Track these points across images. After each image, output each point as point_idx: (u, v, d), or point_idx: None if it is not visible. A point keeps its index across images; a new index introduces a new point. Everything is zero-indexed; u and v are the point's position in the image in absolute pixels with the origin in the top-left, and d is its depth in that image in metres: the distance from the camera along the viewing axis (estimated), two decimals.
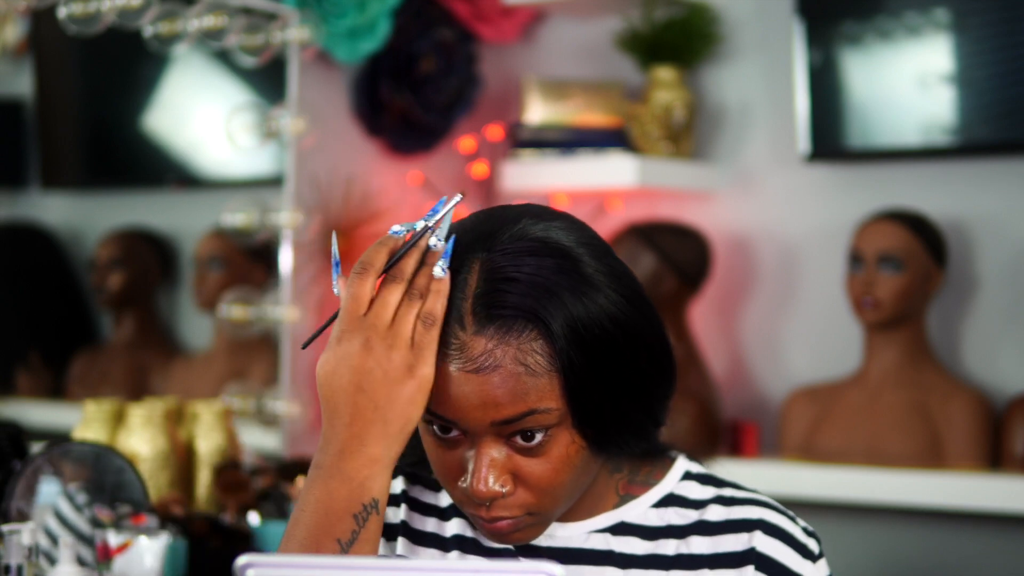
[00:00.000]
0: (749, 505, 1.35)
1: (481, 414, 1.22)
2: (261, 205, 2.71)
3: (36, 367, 2.96)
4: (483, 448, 1.24)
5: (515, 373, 1.21)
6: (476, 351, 1.21)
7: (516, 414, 1.22)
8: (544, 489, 1.25)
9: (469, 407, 1.22)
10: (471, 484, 1.24)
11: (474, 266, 1.25)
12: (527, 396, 1.21)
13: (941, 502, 2.64)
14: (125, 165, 3.12)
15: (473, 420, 1.23)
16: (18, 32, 2.92)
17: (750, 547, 1.33)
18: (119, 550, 1.94)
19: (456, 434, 1.25)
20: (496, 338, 1.21)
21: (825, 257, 2.97)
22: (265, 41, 2.61)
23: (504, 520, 1.26)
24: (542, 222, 1.28)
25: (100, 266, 2.97)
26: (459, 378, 1.22)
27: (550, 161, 3.04)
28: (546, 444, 1.24)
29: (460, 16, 3.09)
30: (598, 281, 1.24)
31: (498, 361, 1.21)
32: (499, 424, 1.22)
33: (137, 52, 2.57)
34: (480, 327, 1.22)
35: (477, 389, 1.21)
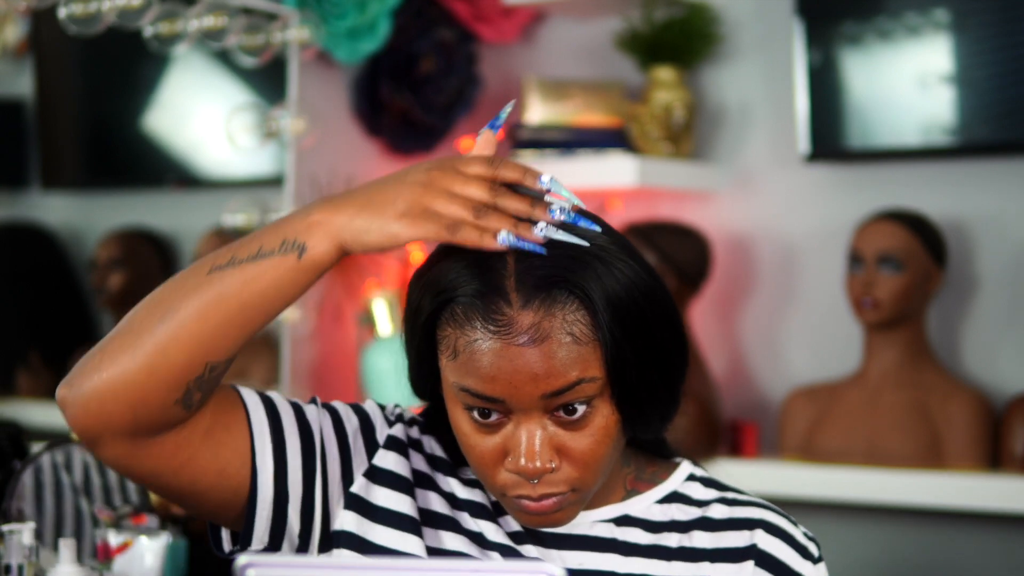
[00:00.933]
0: (752, 506, 1.38)
1: (532, 387, 1.24)
2: (261, 205, 2.71)
3: (36, 367, 2.96)
4: (529, 425, 1.26)
5: (563, 343, 1.24)
6: (524, 324, 1.24)
7: (566, 384, 1.24)
8: (587, 463, 1.28)
9: (520, 382, 1.24)
10: (520, 461, 1.26)
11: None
12: (575, 365, 1.24)
13: (941, 502, 2.64)
14: (125, 165, 3.12)
15: (524, 395, 1.25)
16: (18, 32, 2.92)
17: (751, 543, 1.35)
18: (119, 550, 1.94)
19: (496, 417, 1.27)
20: (542, 310, 1.24)
21: (825, 257, 2.97)
22: (265, 41, 2.61)
23: (551, 498, 1.28)
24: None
25: (100, 266, 2.97)
26: (508, 352, 1.24)
27: (550, 161, 3.04)
28: (588, 417, 1.27)
29: (460, 16, 3.10)
30: (622, 255, 1.28)
31: (546, 332, 1.24)
32: (549, 396, 1.25)
33: (137, 52, 2.57)
34: (526, 301, 1.24)
35: (528, 362, 1.23)
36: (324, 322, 2.86)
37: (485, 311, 1.24)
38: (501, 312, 1.24)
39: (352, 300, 2.92)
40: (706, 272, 2.96)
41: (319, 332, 2.85)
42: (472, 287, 1.25)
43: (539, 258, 1.25)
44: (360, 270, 2.92)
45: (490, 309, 1.24)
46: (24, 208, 3.02)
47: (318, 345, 2.86)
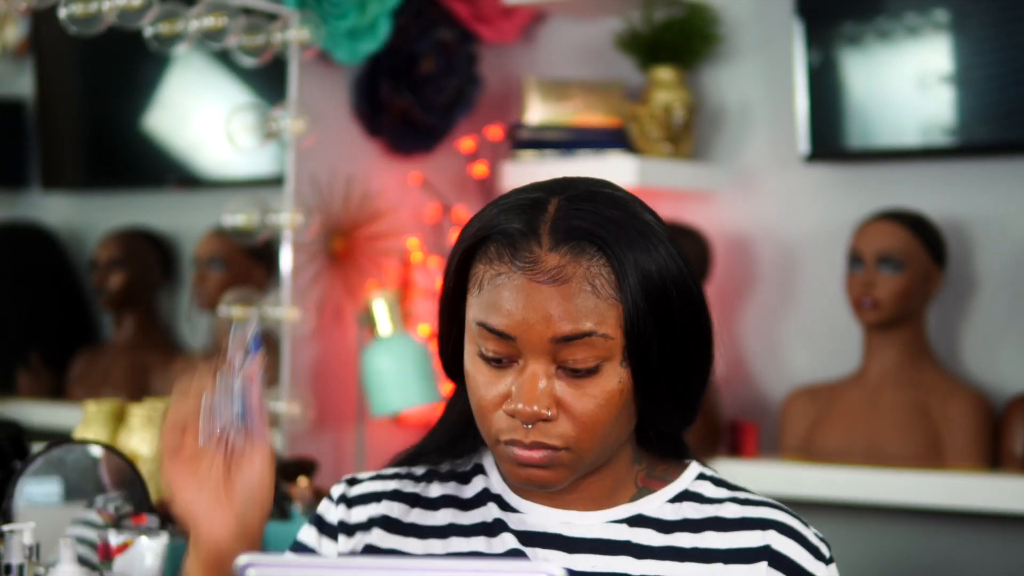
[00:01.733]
0: (764, 507, 1.39)
1: (544, 327, 1.27)
2: (261, 205, 2.71)
3: (37, 367, 2.96)
4: (534, 368, 1.29)
5: (582, 290, 1.27)
6: (549, 264, 1.27)
7: (577, 332, 1.27)
8: (585, 423, 1.29)
9: (534, 320, 1.27)
10: (517, 404, 1.28)
11: (552, 201, 1.31)
12: (590, 315, 1.27)
13: (941, 502, 2.64)
14: (125, 165, 3.12)
15: (535, 334, 1.28)
16: (18, 32, 2.92)
17: (765, 544, 1.35)
18: (120, 550, 1.94)
19: (507, 362, 1.30)
20: (569, 255, 1.27)
21: (825, 257, 2.97)
22: (265, 41, 2.61)
23: (542, 449, 1.29)
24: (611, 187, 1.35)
25: (101, 266, 2.97)
26: (528, 288, 1.27)
27: (550, 161, 3.04)
28: (595, 377, 1.29)
29: (460, 16, 3.10)
30: (662, 237, 1.32)
31: (568, 276, 1.27)
32: (559, 340, 1.27)
33: (137, 52, 2.57)
34: (555, 244, 1.28)
35: (545, 301, 1.27)
36: (324, 322, 2.86)
37: (515, 249, 1.29)
38: (530, 250, 1.28)
39: (352, 300, 2.92)
40: (706, 272, 2.96)
41: (319, 332, 2.85)
42: (510, 226, 1.30)
43: (582, 214, 1.29)
44: (360, 270, 2.92)
45: (520, 247, 1.29)
46: (24, 208, 3.02)
47: (318, 345, 2.87)
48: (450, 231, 3.08)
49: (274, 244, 2.78)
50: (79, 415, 2.43)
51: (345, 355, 2.91)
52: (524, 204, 1.31)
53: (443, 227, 3.09)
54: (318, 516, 1.45)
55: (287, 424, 2.73)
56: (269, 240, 2.77)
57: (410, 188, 3.06)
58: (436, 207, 3.09)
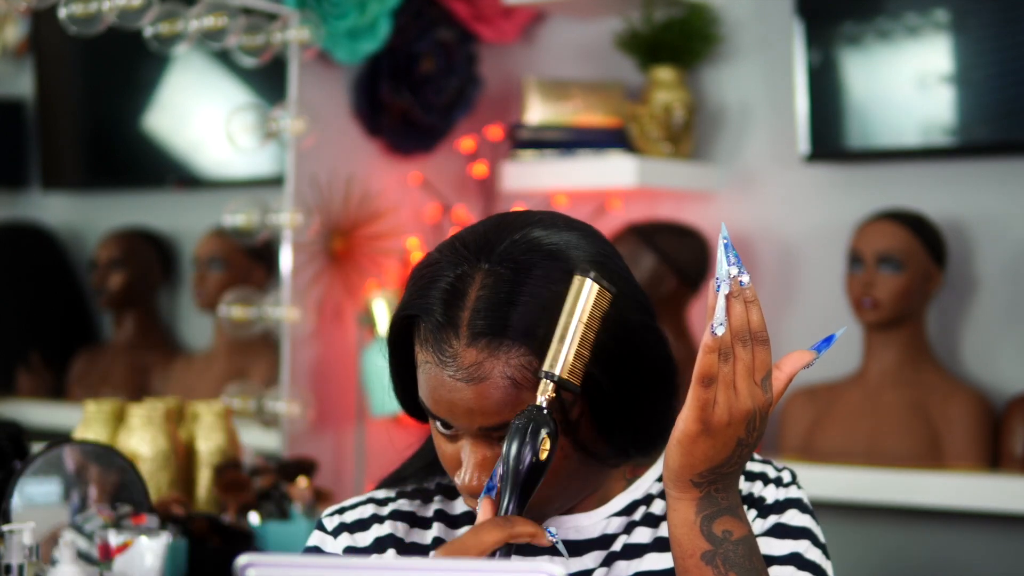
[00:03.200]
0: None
1: (468, 420, 1.28)
2: (261, 205, 2.71)
3: (37, 367, 2.96)
4: (475, 447, 1.30)
5: (502, 386, 1.26)
6: (467, 362, 1.26)
7: (500, 422, 1.27)
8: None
9: (458, 412, 1.27)
10: (464, 481, 1.30)
11: (475, 276, 1.28)
12: (510, 406, 1.26)
13: (941, 502, 2.64)
14: (125, 165, 3.12)
15: (462, 424, 1.29)
16: (19, 32, 2.92)
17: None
18: (119, 550, 1.94)
19: (455, 430, 1.31)
20: (486, 351, 1.26)
21: (825, 257, 2.97)
22: (265, 41, 2.61)
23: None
24: (552, 231, 1.30)
25: (101, 266, 2.97)
26: (449, 384, 1.27)
27: (550, 161, 3.04)
28: None
29: (460, 16, 3.10)
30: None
31: (486, 374, 1.26)
32: (486, 430, 1.28)
33: (137, 52, 2.57)
34: (472, 339, 1.26)
35: (466, 397, 1.26)
36: (324, 322, 2.86)
37: (437, 339, 1.27)
38: (449, 344, 1.27)
39: (352, 300, 2.92)
40: (706, 272, 2.96)
41: (319, 332, 2.85)
42: (436, 313, 1.27)
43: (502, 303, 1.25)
44: (360, 270, 2.92)
45: (441, 338, 1.27)
46: (24, 208, 3.02)
47: (318, 345, 2.86)
48: (450, 231, 3.08)
49: (274, 244, 2.78)
50: (79, 415, 2.43)
51: (345, 355, 2.91)
52: (448, 284, 1.28)
53: (443, 227, 3.09)
54: (316, 550, 1.42)
55: (287, 424, 2.73)
56: (269, 240, 2.77)
57: (410, 188, 3.06)
58: (436, 207, 3.09)
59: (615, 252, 1.34)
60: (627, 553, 1.36)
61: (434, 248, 1.35)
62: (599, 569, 1.36)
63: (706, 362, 1.19)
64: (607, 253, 1.32)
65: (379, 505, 1.44)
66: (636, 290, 1.32)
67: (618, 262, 1.33)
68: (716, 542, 1.24)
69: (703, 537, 1.24)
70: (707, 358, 1.19)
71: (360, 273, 2.92)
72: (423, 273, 1.32)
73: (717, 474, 1.23)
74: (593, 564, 1.36)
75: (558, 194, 3.10)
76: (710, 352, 1.19)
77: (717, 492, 1.24)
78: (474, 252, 1.30)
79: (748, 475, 1.38)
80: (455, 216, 3.08)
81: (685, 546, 1.25)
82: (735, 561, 1.24)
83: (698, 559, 1.24)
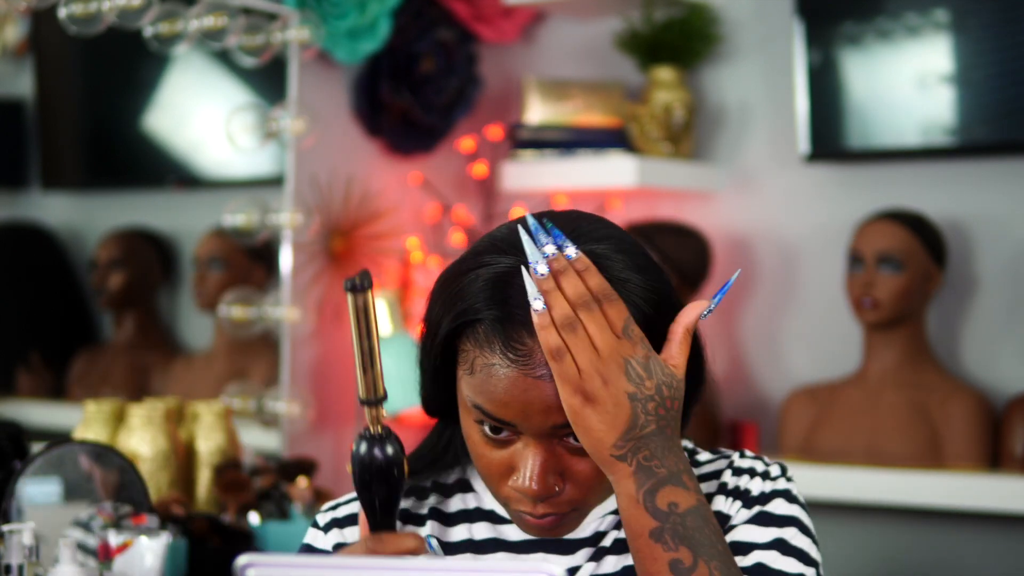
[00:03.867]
0: (718, 460, 1.40)
1: (544, 419, 1.25)
2: (261, 205, 2.71)
3: (37, 367, 2.96)
4: (538, 449, 1.27)
5: None
6: (543, 358, 1.24)
7: None
8: (590, 486, 1.29)
9: (533, 412, 1.25)
10: (524, 483, 1.27)
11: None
12: None
13: (941, 502, 2.64)
14: (125, 165, 3.12)
15: (536, 424, 1.26)
16: (19, 32, 2.92)
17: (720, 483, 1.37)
18: (119, 550, 1.94)
19: (507, 434, 1.28)
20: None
21: (825, 257, 2.97)
22: (265, 41, 2.61)
23: (551, 516, 1.30)
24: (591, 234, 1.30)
25: (101, 266, 2.97)
26: (525, 383, 1.25)
27: (550, 161, 3.04)
28: None
29: (460, 16, 3.10)
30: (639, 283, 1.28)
31: None
32: (560, 427, 1.26)
33: (137, 52, 2.57)
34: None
35: (543, 395, 1.24)
36: (324, 322, 2.86)
37: (506, 338, 1.25)
38: (522, 342, 1.25)
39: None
40: (706, 272, 2.96)
41: (319, 332, 2.85)
42: (496, 311, 1.26)
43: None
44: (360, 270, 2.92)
45: (511, 336, 1.25)
46: (24, 208, 3.02)
47: (318, 345, 2.86)
48: (450, 231, 3.09)
49: (274, 244, 2.78)
50: (79, 415, 2.43)
51: (345, 355, 2.91)
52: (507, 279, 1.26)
53: (443, 227, 3.09)
54: (308, 547, 1.42)
55: (287, 424, 2.73)
56: (269, 240, 2.77)
57: (410, 188, 3.06)
58: (436, 207, 3.09)
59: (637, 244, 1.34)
60: (617, 548, 1.36)
61: (461, 257, 1.32)
62: (587, 564, 1.36)
63: (544, 338, 1.22)
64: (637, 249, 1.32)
65: None
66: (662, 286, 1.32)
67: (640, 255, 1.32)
68: (662, 517, 1.23)
69: (648, 514, 1.23)
70: (543, 334, 1.22)
71: None
72: (460, 280, 1.29)
73: (634, 439, 1.23)
74: (583, 560, 1.37)
75: (558, 194, 3.10)
76: (543, 328, 1.22)
77: (647, 461, 1.23)
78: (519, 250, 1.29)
79: (736, 470, 1.37)
80: (455, 216, 3.08)
81: (633, 526, 1.24)
82: (684, 534, 1.22)
83: (646, 537, 1.23)
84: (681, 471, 1.25)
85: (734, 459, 1.38)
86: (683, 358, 1.27)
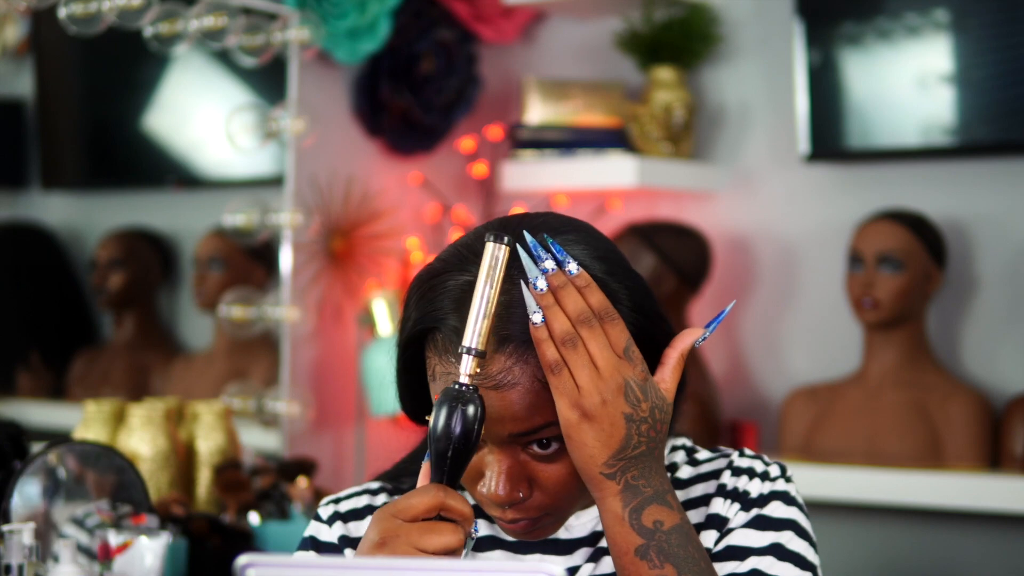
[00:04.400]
0: (717, 459, 1.40)
1: (499, 427, 1.26)
2: (261, 205, 2.71)
3: (36, 367, 2.96)
4: (501, 456, 1.28)
5: (533, 389, 1.25)
6: (495, 369, 1.24)
7: (532, 427, 1.26)
8: (559, 492, 1.29)
9: (491, 421, 1.25)
10: (491, 490, 1.28)
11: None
12: (544, 410, 1.25)
13: (941, 502, 2.64)
14: (125, 165, 3.12)
15: (494, 432, 1.26)
16: (19, 32, 2.92)
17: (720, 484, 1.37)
18: (119, 550, 1.94)
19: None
20: (515, 356, 1.25)
21: (825, 257, 2.97)
22: (265, 41, 2.61)
23: (522, 520, 1.30)
24: (557, 236, 1.29)
25: (100, 266, 2.97)
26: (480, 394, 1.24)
27: (550, 161, 3.04)
28: (561, 451, 1.27)
29: (460, 16, 3.10)
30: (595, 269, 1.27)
31: (516, 379, 1.24)
32: (516, 436, 1.26)
33: (137, 52, 2.57)
34: (499, 346, 1.25)
35: (496, 404, 1.25)
36: (324, 322, 2.86)
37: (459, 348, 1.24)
38: None
39: (352, 300, 2.92)
40: (706, 272, 2.96)
41: (319, 332, 2.85)
42: (453, 321, 1.26)
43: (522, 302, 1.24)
44: (360, 270, 2.92)
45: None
46: (24, 208, 3.02)
47: (318, 345, 2.86)
48: (450, 231, 3.08)
49: (274, 244, 2.78)
50: (79, 415, 2.43)
51: (345, 355, 2.91)
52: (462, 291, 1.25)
53: (443, 227, 3.09)
54: (311, 539, 1.42)
55: (287, 424, 2.73)
56: (269, 240, 2.77)
57: (410, 188, 3.06)
58: (436, 207, 3.09)
59: (617, 250, 1.33)
60: None
61: (434, 259, 1.32)
62: (586, 564, 1.36)
63: (543, 351, 1.22)
64: (611, 251, 1.32)
65: (373, 496, 1.44)
66: (645, 288, 1.32)
67: (624, 261, 1.32)
68: (647, 534, 1.23)
69: (633, 531, 1.24)
70: (542, 347, 1.22)
71: (360, 273, 2.92)
72: (431, 283, 1.29)
73: (625, 459, 1.23)
74: (581, 561, 1.37)
75: (558, 194, 3.10)
76: (542, 342, 1.22)
77: (635, 480, 1.24)
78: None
79: (735, 470, 1.37)
80: (455, 216, 3.08)
81: (619, 543, 1.24)
82: (669, 552, 1.23)
83: (632, 555, 1.24)
84: (666, 491, 1.25)
85: (733, 458, 1.38)
86: (675, 383, 1.27)
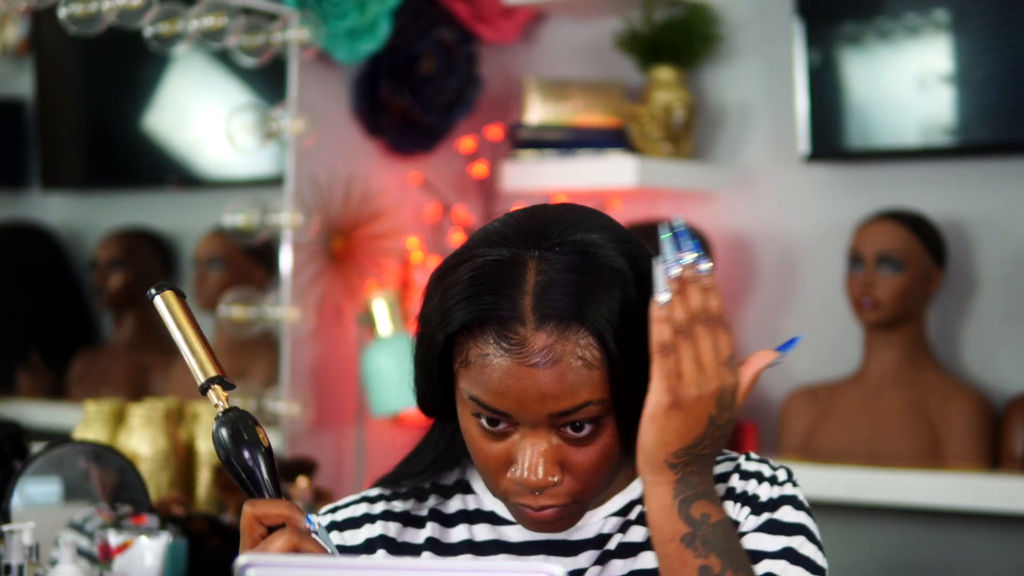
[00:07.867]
0: (724, 463, 1.41)
1: (540, 406, 1.26)
2: (261, 205, 2.71)
3: (37, 367, 2.96)
4: (536, 439, 1.29)
5: (574, 367, 1.26)
6: (537, 346, 1.25)
7: (573, 406, 1.26)
8: (590, 477, 1.31)
9: (528, 400, 1.26)
10: (523, 474, 1.28)
11: (527, 262, 1.28)
12: (584, 388, 1.26)
13: (941, 502, 2.65)
14: (125, 165, 3.12)
15: (532, 412, 1.27)
16: (19, 32, 2.92)
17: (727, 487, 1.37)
18: (119, 550, 1.94)
19: (504, 426, 1.29)
20: (556, 334, 1.25)
21: (825, 257, 2.97)
22: (265, 41, 2.61)
23: (551, 508, 1.31)
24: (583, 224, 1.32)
25: (101, 266, 2.97)
26: (520, 372, 1.26)
27: (550, 161, 3.04)
28: (594, 434, 1.29)
29: (460, 16, 3.10)
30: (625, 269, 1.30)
31: (558, 356, 1.25)
32: (556, 415, 1.27)
33: (137, 52, 2.57)
34: (540, 323, 1.25)
35: (538, 383, 1.25)
36: (324, 322, 2.86)
37: (500, 328, 1.26)
38: (515, 331, 1.25)
39: (352, 300, 2.92)
40: None
41: (319, 332, 2.85)
42: (489, 301, 1.27)
43: (562, 285, 1.26)
44: (360, 270, 2.92)
45: (505, 327, 1.26)
46: (24, 208, 3.02)
47: (318, 345, 2.86)
48: (450, 231, 3.09)
49: (274, 244, 2.78)
50: (79, 415, 2.43)
51: (345, 355, 2.91)
52: (498, 270, 1.28)
53: (443, 227, 3.09)
54: None
55: (287, 424, 2.73)
56: (269, 240, 2.77)
57: (410, 188, 3.06)
58: (436, 207, 3.09)
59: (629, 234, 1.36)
60: (622, 552, 1.37)
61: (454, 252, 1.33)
62: (592, 568, 1.36)
63: (659, 331, 1.25)
64: (623, 237, 1.34)
65: (371, 504, 1.44)
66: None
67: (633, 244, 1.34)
68: (695, 524, 1.26)
69: (682, 520, 1.26)
70: (659, 327, 1.25)
71: (360, 273, 2.92)
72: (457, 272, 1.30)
73: (692, 455, 1.26)
74: (587, 563, 1.37)
75: (558, 194, 3.10)
76: (661, 322, 1.25)
77: (692, 475, 1.27)
78: (518, 241, 1.30)
79: (743, 474, 1.37)
80: (455, 216, 3.08)
81: (665, 530, 1.26)
82: (714, 544, 1.25)
83: (678, 542, 1.26)
84: (713, 491, 1.29)
85: (740, 462, 1.39)
86: (741, 400, 1.30)
